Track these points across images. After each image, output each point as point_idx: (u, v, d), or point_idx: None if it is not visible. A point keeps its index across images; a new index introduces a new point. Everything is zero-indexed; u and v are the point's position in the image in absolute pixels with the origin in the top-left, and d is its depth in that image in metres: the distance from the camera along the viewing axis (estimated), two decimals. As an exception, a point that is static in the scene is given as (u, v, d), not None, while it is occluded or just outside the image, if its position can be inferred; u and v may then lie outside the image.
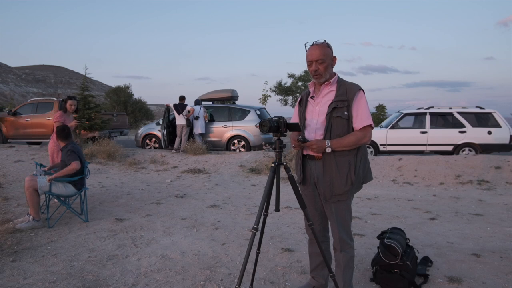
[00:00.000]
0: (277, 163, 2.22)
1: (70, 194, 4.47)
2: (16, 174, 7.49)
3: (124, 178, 7.54)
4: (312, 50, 2.29)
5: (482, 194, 6.19)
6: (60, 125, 4.78)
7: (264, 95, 18.14)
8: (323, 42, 2.30)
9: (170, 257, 3.37)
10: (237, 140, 10.55)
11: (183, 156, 9.41)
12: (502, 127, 9.34)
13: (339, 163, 2.26)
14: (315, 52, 2.27)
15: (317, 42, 2.31)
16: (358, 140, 2.25)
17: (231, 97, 11.37)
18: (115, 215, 4.75)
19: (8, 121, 12.15)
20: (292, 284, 2.84)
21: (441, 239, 3.84)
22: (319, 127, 2.32)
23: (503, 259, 3.26)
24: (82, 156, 4.57)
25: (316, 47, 2.28)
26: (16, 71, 58.34)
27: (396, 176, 7.43)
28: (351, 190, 2.31)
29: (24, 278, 2.93)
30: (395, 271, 2.73)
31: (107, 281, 2.89)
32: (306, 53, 2.33)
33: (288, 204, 5.25)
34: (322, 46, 2.29)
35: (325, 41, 2.31)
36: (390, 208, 5.28)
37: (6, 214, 4.68)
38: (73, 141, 4.66)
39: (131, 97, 29.50)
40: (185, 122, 10.23)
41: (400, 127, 9.87)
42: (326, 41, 2.31)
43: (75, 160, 4.36)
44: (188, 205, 5.40)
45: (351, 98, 2.27)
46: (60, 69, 73.54)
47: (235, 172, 8.08)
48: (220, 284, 2.84)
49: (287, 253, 3.44)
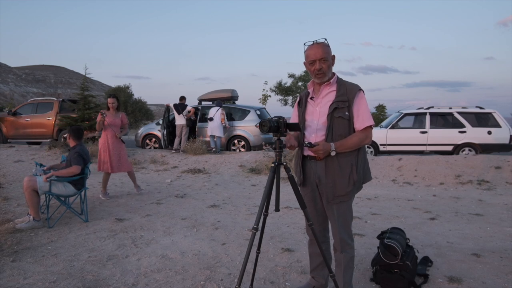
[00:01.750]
0: (277, 163, 2.22)
1: (70, 194, 4.47)
2: (16, 174, 7.49)
3: (124, 178, 7.54)
4: (315, 49, 2.27)
5: (482, 194, 6.19)
6: (76, 127, 4.87)
7: (264, 95, 18.15)
8: (324, 41, 2.30)
9: (170, 257, 3.37)
10: (237, 140, 10.56)
11: (183, 156, 9.41)
12: (502, 127, 9.34)
13: (342, 164, 2.25)
14: (318, 50, 2.25)
15: (318, 41, 2.29)
16: (361, 141, 2.25)
17: (231, 97, 11.38)
18: (115, 215, 4.76)
19: (8, 121, 12.15)
20: (292, 284, 2.84)
21: (441, 239, 3.84)
22: (320, 128, 2.31)
23: (503, 259, 3.26)
24: (88, 158, 4.65)
25: (319, 46, 2.27)
26: (16, 71, 58.34)
27: (396, 176, 7.43)
28: (353, 191, 2.31)
29: (24, 278, 2.93)
30: (395, 271, 2.74)
31: (107, 281, 2.89)
32: (307, 53, 2.30)
33: (288, 204, 5.25)
34: (324, 45, 2.28)
35: (326, 40, 2.30)
36: (390, 208, 5.29)
37: (6, 214, 4.68)
38: (82, 142, 4.76)
39: (131, 97, 29.49)
40: (185, 122, 10.23)
41: (400, 127, 9.88)
42: (326, 40, 2.31)
43: (78, 164, 4.42)
44: (188, 205, 5.40)
45: (352, 98, 2.26)
46: (60, 69, 73.53)
47: (235, 172, 8.08)
48: (220, 284, 2.84)
49: (287, 253, 3.44)
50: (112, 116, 5.83)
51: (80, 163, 4.46)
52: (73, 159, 4.46)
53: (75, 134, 4.70)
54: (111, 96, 6.03)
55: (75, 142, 4.67)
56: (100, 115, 5.68)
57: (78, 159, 4.46)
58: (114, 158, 5.76)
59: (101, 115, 5.66)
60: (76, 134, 4.70)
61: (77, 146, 4.62)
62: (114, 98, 5.98)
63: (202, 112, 11.12)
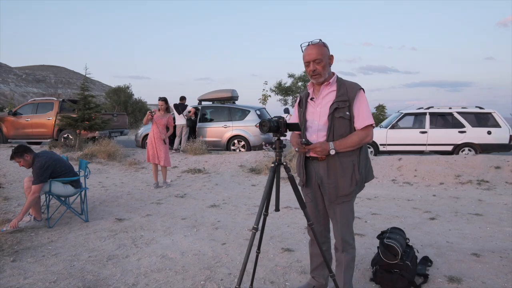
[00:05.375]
0: (277, 163, 2.22)
1: (70, 194, 4.47)
2: (16, 174, 7.49)
3: (124, 178, 7.55)
4: (309, 50, 2.26)
5: (482, 194, 6.20)
6: (14, 149, 4.25)
7: (264, 95, 18.13)
8: (319, 42, 2.28)
9: (170, 257, 3.38)
10: (237, 140, 10.56)
11: (183, 156, 9.41)
12: (501, 127, 9.34)
13: (344, 164, 2.25)
14: (311, 52, 2.25)
15: (313, 42, 2.28)
16: (361, 140, 2.24)
17: (231, 97, 11.38)
18: (115, 215, 4.76)
19: (8, 121, 12.16)
20: (292, 284, 2.84)
21: (441, 239, 3.85)
22: (321, 128, 2.30)
23: (503, 259, 3.27)
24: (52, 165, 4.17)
25: (313, 47, 2.26)
26: (16, 71, 58.29)
27: (396, 176, 7.43)
28: (356, 190, 2.30)
29: (24, 278, 2.93)
30: (395, 271, 2.74)
31: (107, 281, 2.89)
32: (303, 54, 2.30)
33: (288, 204, 5.25)
34: (319, 45, 2.26)
35: (321, 40, 2.28)
36: (390, 208, 5.29)
37: (7, 214, 4.68)
38: (36, 154, 4.26)
39: (131, 97, 29.50)
40: (185, 122, 10.24)
41: (400, 127, 9.88)
42: (321, 40, 2.29)
43: (38, 182, 4.03)
44: (188, 205, 5.41)
45: (352, 97, 2.25)
46: (60, 69, 73.45)
47: (235, 172, 8.09)
48: (220, 284, 2.84)
49: (287, 253, 3.44)
50: (160, 117, 6.65)
51: (42, 180, 4.03)
52: (33, 179, 4.05)
53: (19, 152, 4.14)
54: (160, 99, 6.87)
55: (28, 160, 4.16)
56: (149, 113, 6.50)
57: (37, 176, 4.02)
58: (161, 153, 6.54)
59: (150, 114, 6.49)
60: (19, 151, 4.15)
61: (33, 163, 4.15)
62: (162, 101, 6.83)
63: (202, 112, 11.13)
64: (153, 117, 6.53)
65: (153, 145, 6.55)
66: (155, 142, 6.54)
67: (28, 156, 4.18)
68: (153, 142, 6.55)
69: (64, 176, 4.31)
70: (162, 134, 6.56)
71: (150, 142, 6.61)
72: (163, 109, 6.81)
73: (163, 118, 6.68)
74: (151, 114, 6.50)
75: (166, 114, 6.80)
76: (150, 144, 6.59)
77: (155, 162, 6.58)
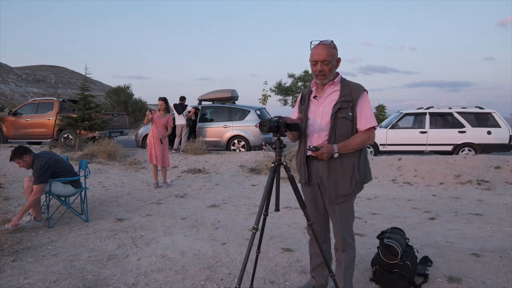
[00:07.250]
0: (277, 163, 2.22)
1: (70, 194, 4.47)
2: (17, 174, 7.49)
3: (124, 178, 7.55)
4: (319, 50, 2.21)
5: (482, 194, 6.20)
6: (13, 150, 4.27)
7: (264, 95, 18.15)
8: (331, 43, 2.23)
9: (170, 257, 3.38)
10: (237, 140, 10.56)
11: (183, 156, 9.42)
12: (501, 127, 9.34)
13: (344, 164, 2.24)
14: (321, 52, 2.20)
15: (324, 42, 2.22)
16: (364, 142, 2.23)
17: (231, 97, 11.38)
18: (115, 215, 4.76)
19: (8, 121, 12.17)
20: (292, 284, 2.85)
21: (441, 239, 3.85)
22: (323, 128, 2.28)
23: (503, 259, 3.27)
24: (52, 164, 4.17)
25: (323, 47, 2.20)
26: (16, 71, 58.29)
27: (396, 176, 7.43)
28: (355, 191, 2.30)
29: (24, 277, 2.93)
30: (395, 271, 2.74)
31: (107, 280, 2.90)
32: (312, 52, 2.25)
33: (288, 204, 5.25)
34: (329, 46, 2.21)
35: (333, 42, 2.24)
36: (390, 208, 5.29)
37: (7, 214, 4.68)
38: (36, 155, 4.26)
39: (131, 97, 29.50)
40: (185, 122, 10.24)
41: (400, 127, 9.88)
42: (333, 42, 2.24)
43: (39, 183, 4.05)
44: (188, 205, 5.41)
45: (356, 98, 2.23)
46: (60, 69, 73.41)
47: (235, 172, 8.09)
48: (220, 284, 2.84)
49: (287, 253, 3.44)
50: (160, 117, 6.66)
51: (43, 180, 4.04)
52: (34, 180, 4.06)
53: (18, 153, 4.16)
54: (160, 99, 6.88)
55: (27, 160, 4.18)
56: (149, 112, 6.52)
57: (38, 177, 4.03)
58: (159, 153, 6.57)
59: (150, 113, 6.51)
60: (18, 152, 4.16)
61: (33, 163, 4.16)
62: (162, 101, 6.85)
63: (202, 112, 11.13)
64: (153, 117, 6.56)
65: (152, 146, 6.59)
66: (154, 143, 6.59)
67: (28, 157, 4.19)
68: (152, 143, 6.60)
69: (64, 176, 4.32)
70: (159, 135, 6.59)
71: (149, 142, 6.66)
72: (163, 109, 6.85)
73: (163, 118, 6.71)
74: (151, 113, 6.54)
75: (166, 114, 6.84)
76: (150, 144, 6.65)
77: (154, 163, 6.63)
